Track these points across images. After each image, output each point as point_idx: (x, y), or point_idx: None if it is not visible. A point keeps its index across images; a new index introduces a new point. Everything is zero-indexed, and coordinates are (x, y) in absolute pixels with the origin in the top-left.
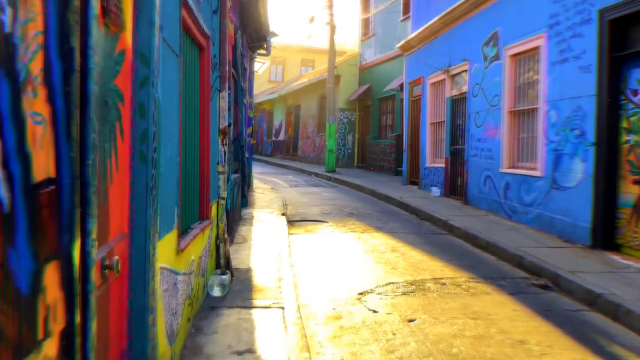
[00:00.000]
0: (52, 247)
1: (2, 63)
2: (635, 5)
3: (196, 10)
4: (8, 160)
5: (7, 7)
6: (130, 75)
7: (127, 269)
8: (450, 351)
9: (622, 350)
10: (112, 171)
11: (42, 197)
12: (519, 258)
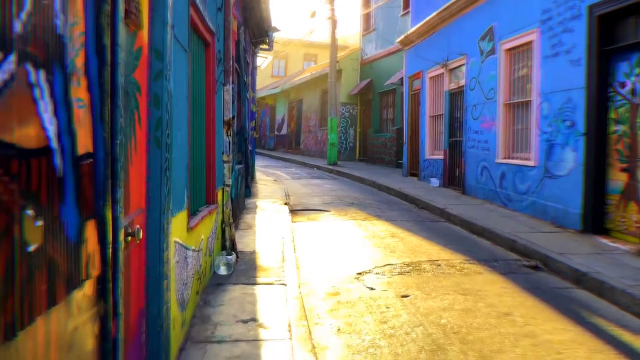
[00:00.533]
0: (91, 209)
1: (56, 58)
2: (622, 2)
3: (202, 8)
4: (60, 136)
5: (60, 13)
6: (146, 68)
7: (144, 239)
8: (439, 322)
9: (603, 321)
10: (131, 153)
11: (83, 167)
12: (511, 242)
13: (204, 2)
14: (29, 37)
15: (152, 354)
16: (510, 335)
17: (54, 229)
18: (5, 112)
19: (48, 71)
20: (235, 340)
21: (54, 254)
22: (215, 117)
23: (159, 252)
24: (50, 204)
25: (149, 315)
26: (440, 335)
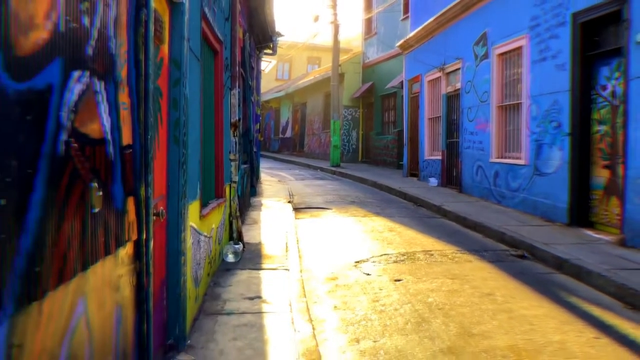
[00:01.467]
0: (130, 187)
1: (110, 72)
2: (602, 10)
3: (212, 20)
4: (112, 130)
5: (113, 38)
6: (167, 76)
7: (165, 221)
8: (426, 300)
9: (577, 299)
10: (155, 148)
11: (126, 155)
12: (501, 234)
13: (214, 15)
14: (95, 57)
15: (171, 317)
16: (489, 311)
17: (108, 199)
18: (82, 112)
19: (105, 82)
20: (242, 312)
21: (108, 218)
22: (223, 119)
23: (178, 232)
24: (105, 181)
25: (168, 285)
26: (425, 310)
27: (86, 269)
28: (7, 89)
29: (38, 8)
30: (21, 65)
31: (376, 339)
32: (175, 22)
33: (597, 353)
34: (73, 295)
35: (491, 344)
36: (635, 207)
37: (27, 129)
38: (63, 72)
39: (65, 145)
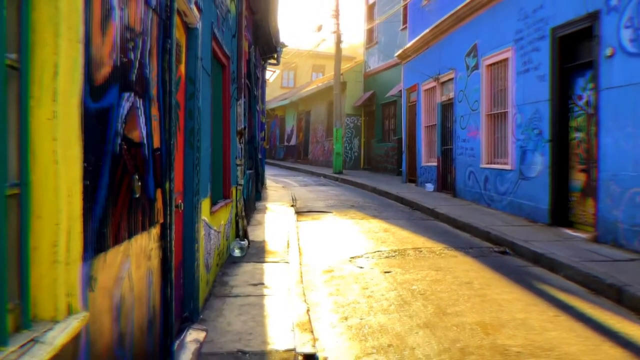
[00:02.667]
0: (159, 181)
1: (145, 91)
2: (577, 26)
3: (221, 39)
4: (146, 137)
5: (147, 64)
6: (184, 91)
7: (182, 213)
8: (410, 288)
9: (547, 286)
10: (175, 152)
11: (156, 156)
12: (486, 233)
13: (222, 34)
14: (136, 81)
15: (187, 294)
16: (465, 296)
17: (144, 189)
18: (129, 123)
19: (143, 99)
20: (246, 295)
21: (144, 203)
22: (231, 127)
23: (192, 223)
24: (142, 174)
25: (185, 267)
26: (408, 295)
27: (130, 238)
28: (89, 108)
29: (105, 52)
30: (96, 91)
31: (362, 317)
32: (191, 45)
33: (553, 326)
34: (122, 255)
35: (462, 321)
36: (607, 207)
37: (99, 134)
38: (118, 94)
39: (119, 146)
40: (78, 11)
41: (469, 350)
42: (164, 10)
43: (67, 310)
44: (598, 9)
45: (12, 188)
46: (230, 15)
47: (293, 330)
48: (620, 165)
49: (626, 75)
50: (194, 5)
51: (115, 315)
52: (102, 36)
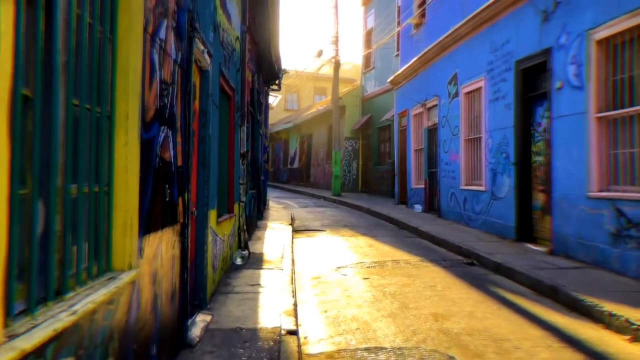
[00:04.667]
0: (181, 191)
1: (173, 124)
2: (536, 60)
3: (227, 75)
4: (173, 157)
5: (175, 104)
6: (197, 121)
7: (194, 219)
8: (383, 290)
9: (500, 289)
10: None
11: (179, 172)
12: (458, 248)
13: (229, 70)
14: (168, 118)
15: (197, 286)
16: (427, 295)
17: (171, 195)
18: (163, 147)
19: (172, 130)
20: (245, 292)
21: (171, 206)
22: (235, 151)
23: (203, 228)
24: (170, 185)
25: (196, 264)
26: (380, 295)
27: (162, 229)
28: (143, 138)
29: (151, 100)
30: (146, 127)
31: (339, 311)
32: (203, 84)
33: (493, 316)
34: (158, 239)
35: (419, 312)
36: (560, 223)
37: (148, 155)
38: (158, 128)
39: (158, 164)
40: (139, 76)
41: (419, 332)
42: (185, 62)
43: (129, 266)
44: (550, 46)
45: (104, 188)
46: (235, 53)
47: (280, 316)
48: (568, 186)
49: (572, 106)
50: (206, 55)
51: (152, 279)
52: (149, 90)
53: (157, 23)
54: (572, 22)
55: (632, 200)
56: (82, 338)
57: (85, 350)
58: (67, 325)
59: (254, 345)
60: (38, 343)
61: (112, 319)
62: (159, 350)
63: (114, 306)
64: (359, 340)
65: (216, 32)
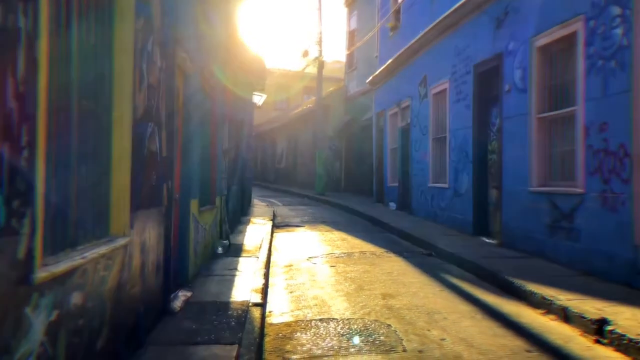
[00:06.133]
0: (165, 178)
1: (159, 121)
2: (490, 64)
3: (209, 77)
4: (159, 148)
5: (161, 104)
6: (181, 119)
7: (178, 206)
8: (346, 276)
9: (448, 275)
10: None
11: (164, 161)
12: (421, 241)
13: (210, 72)
14: (155, 115)
15: (181, 267)
16: (382, 280)
17: (157, 180)
18: (151, 139)
19: (158, 126)
20: (223, 275)
21: (157, 189)
22: (217, 147)
23: (186, 214)
24: (157, 171)
25: (179, 246)
26: (342, 280)
27: (150, 208)
28: (134, 132)
29: (140, 101)
30: (136, 123)
31: (304, 291)
32: (186, 87)
33: (433, 296)
34: (146, 216)
35: (371, 293)
36: (508, 218)
37: (138, 146)
38: (146, 124)
39: (146, 153)
40: (130, 82)
41: (367, 307)
42: (170, 68)
43: (123, 233)
44: (502, 51)
45: (106, 171)
46: (219, 56)
47: (250, 293)
48: (515, 181)
49: (518, 107)
50: (188, 61)
51: (141, 249)
52: (139, 93)
53: (145, 40)
54: (519, 29)
55: (564, 194)
56: (89, 278)
57: (91, 287)
58: (79, 264)
59: (225, 314)
60: (61, 271)
61: (110, 271)
62: (146, 312)
63: (112, 262)
64: (315, 313)
65: (198, 40)
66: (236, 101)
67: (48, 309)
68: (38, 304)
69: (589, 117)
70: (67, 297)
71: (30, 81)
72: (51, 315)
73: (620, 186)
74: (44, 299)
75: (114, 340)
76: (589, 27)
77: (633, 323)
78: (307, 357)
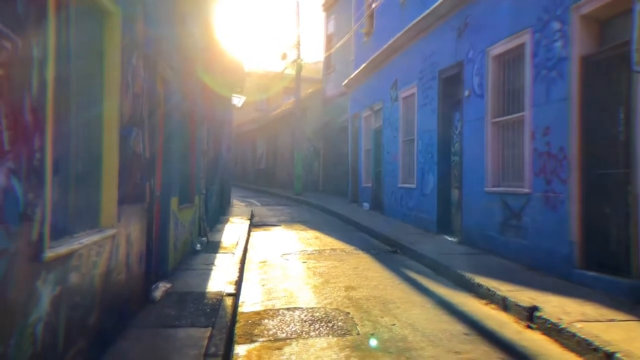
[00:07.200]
0: (148, 177)
1: (143, 125)
2: (452, 70)
3: (189, 83)
4: (143, 149)
5: (145, 111)
6: (162, 123)
7: (159, 204)
8: (315, 271)
9: (409, 270)
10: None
11: (148, 160)
12: (387, 239)
13: (190, 78)
14: (138, 120)
15: (161, 260)
16: (348, 274)
17: (141, 179)
18: (135, 141)
19: (142, 130)
20: (201, 269)
21: (141, 187)
22: (196, 148)
23: (166, 211)
24: (140, 170)
25: (160, 240)
26: (311, 274)
27: (133, 204)
28: (121, 135)
29: (126, 108)
30: (123, 127)
31: (275, 284)
32: (167, 92)
33: (392, 288)
34: (131, 211)
35: (336, 285)
36: (467, 216)
37: (124, 147)
38: (131, 128)
39: (131, 154)
40: (118, 92)
41: (330, 298)
42: (152, 77)
43: (111, 225)
44: (462, 59)
45: (97, 170)
46: (199, 64)
47: (225, 284)
48: (473, 182)
49: (476, 112)
50: (169, 70)
51: (126, 240)
52: (125, 101)
53: (130, 54)
54: (477, 39)
55: (514, 194)
56: (84, 261)
57: (85, 269)
58: (77, 248)
59: (201, 302)
60: (64, 253)
61: (101, 257)
62: (130, 298)
63: (102, 249)
64: (283, 303)
65: (179, 49)
66: (215, 103)
67: (53, 284)
68: (46, 279)
69: (535, 122)
70: (67, 276)
71: (41, 97)
72: (55, 290)
73: (560, 186)
74: (50, 275)
75: (103, 319)
76: (535, 40)
77: (557, 310)
78: (273, 339)
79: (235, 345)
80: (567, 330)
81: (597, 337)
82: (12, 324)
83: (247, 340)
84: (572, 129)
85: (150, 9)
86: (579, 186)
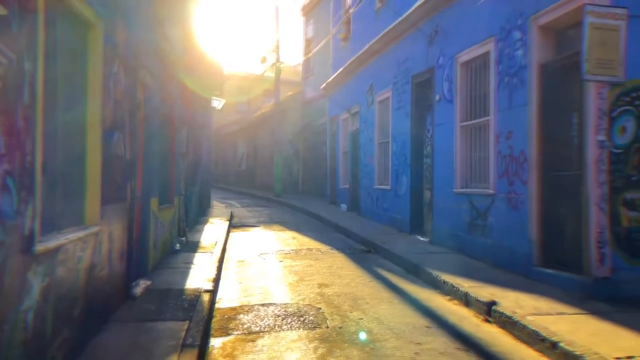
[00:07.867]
0: (129, 178)
1: (124, 129)
2: (424, 76)
3: (168, 87)
4: (124, 152)
5: (126, 116)
6: (142, 126)
7: (140, 204)
8: (291, 270)
9: (381, 269)
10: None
11: (129, 162)
12: (363, 239)
13: (170, 83)
14: (120, 124)
15: (142, 259)
16: (322, 272)
17: (122, 180)
18: (117, 144)
19: (123, 133)
20: (180, 267)
21: (122, 187)
22: (175, 150)
23: (146, 211)
24: (122, 172)
25: (140, 240)
26: (287, 273)
27: (115, 204)
28: (103, 137)
29: (108, 113)
30: (105, 131)
31: (252, 282)
32: (147, 97)
33: (363, 285)
34: (113, 210)
35: (310, 283)
36: (437, 217)
37: (107, 149)
38: (113, 132)
39: (113, 156)
40: (100, 99)
41: (304, 294)
42: (133, 84)
43: (94, 223)
44: (433, 65)
45: (81, 171)
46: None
47: (203, 281)
48: (443, 184)
49: (446, 116)
50: (148, 76)
51: (109, 238)
52: (107, 105)
53: (111, 64)
54: (446, 46)
55: (480, 195)
56: (70, 255)
57: (71, 263)
58: (64, 243)
59: (180, 298)
60: (52, 247)
61: (85, 252)
62: (112, 293)
63: (86, 245)
64: (258, 299)
65: (158, 55)
66: (195, 106)
67: (42, 276)
68: (36, 270)
69: (499, 126)
70: (55, 269)
71: (32, 106)
72: (44, 281)
73: (521, 187)
74: (40, 267)
75: (86, 312)
76: (499, 48)
77: (513, 304)
78: (247, 332)
79: (211, 338)
80: (520, 323)
81: (546, 329)
82: (6, 311)
83: (223, 333)
84: (532, 132)
85: (130, 19)
86: (538, 187)
